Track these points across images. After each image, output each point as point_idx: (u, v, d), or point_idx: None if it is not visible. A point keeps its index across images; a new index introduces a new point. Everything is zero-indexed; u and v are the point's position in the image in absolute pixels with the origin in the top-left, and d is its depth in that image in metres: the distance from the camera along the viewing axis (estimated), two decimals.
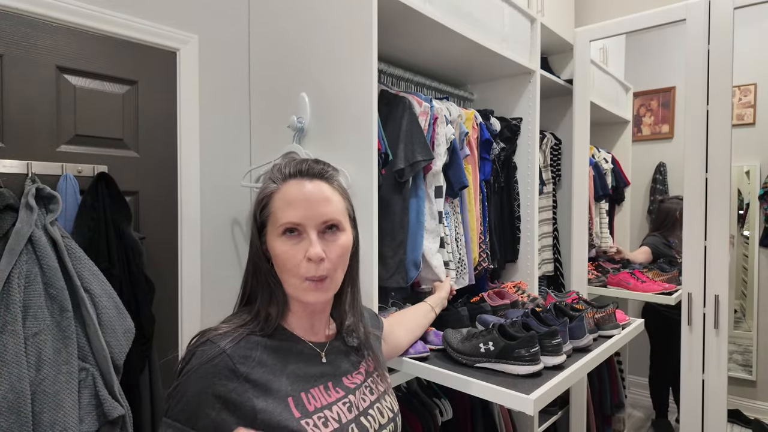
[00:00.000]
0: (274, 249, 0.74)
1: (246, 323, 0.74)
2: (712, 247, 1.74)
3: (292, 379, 0.73)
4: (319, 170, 0.78)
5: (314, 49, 1.37)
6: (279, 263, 0.74)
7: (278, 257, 0.74)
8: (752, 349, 2.02)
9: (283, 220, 0.73)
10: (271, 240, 0.75)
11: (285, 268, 0.74)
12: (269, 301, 0.77)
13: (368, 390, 0.82)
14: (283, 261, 0.74)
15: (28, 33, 1.15)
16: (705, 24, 1.75)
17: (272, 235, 0.75)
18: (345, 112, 1.29)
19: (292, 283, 0.75)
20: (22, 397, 0.94)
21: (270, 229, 0.75)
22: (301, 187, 0.75)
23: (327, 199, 0.75)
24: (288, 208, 0.73)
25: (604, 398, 2.29)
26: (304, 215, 0.73)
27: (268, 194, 0.76)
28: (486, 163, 1.72)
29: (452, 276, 1.49)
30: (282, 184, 0.76)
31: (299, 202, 0.74)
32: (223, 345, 0.69)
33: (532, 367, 1.08)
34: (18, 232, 1.01)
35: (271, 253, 0.75)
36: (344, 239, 0.77)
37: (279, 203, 0.74)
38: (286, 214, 0.73)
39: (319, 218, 0.74)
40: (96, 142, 1.27)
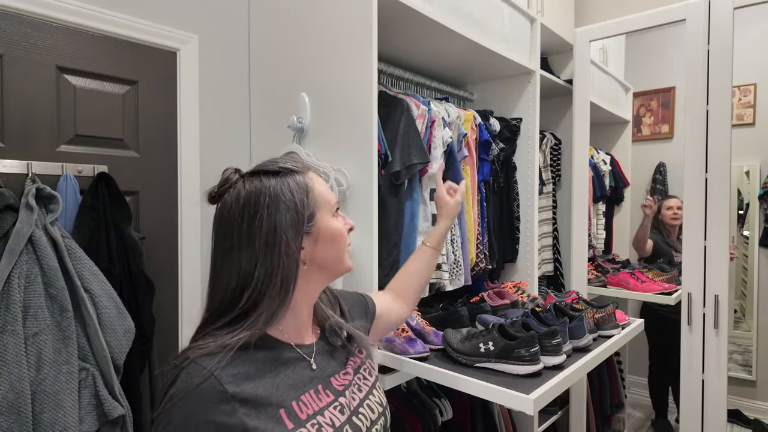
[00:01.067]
0: (335, 227, 0.77)
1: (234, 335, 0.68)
2: (711, 247, 1.74)
3: (283, 389, 0.70)
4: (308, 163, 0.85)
5: (314, 48, 1.37)
6: (339, 239, 0.78)
7: (339, 233, 0.78)
8: (752, 349, 2.02)
9: (333, 199, 0.79)
10: (328, 222, 0.77)
11: (343, 243, 0.79)
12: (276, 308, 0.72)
13: (357, 388, 0.81)
14: (342, 234, 0.79)
15: (28, 33, 1.15)
16: (705, 24, 1.75)
17: (327, 218, 0.77)
18: (345, 112, 1.29)
19: (343, 256, 0.79)
20: (22, 397, 0.94)
21: (323, 214, 0.76)
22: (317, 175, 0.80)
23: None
24: (327, 190, 0.79)
25: (603, 398, 2.29)
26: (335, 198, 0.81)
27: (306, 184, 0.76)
28: (485, 164, 1.73)
29: (445, 278, 1.49)
30: (307, 174, 0.77)
31: (326, 185, 0.80)
32: (210, 366, 0.64)
33: (531, 366, 1.09)
34: (18, 232, 1.01)
35: (325, 237, 0.76)
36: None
37: (319, 189, 0.77)
38: (330, 194, 0.79)
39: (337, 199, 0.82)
40: (96, 142, 1.27)
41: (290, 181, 0.74)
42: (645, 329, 1.58)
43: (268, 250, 0.71)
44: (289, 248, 0.71)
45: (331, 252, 0.77)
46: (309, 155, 1.35)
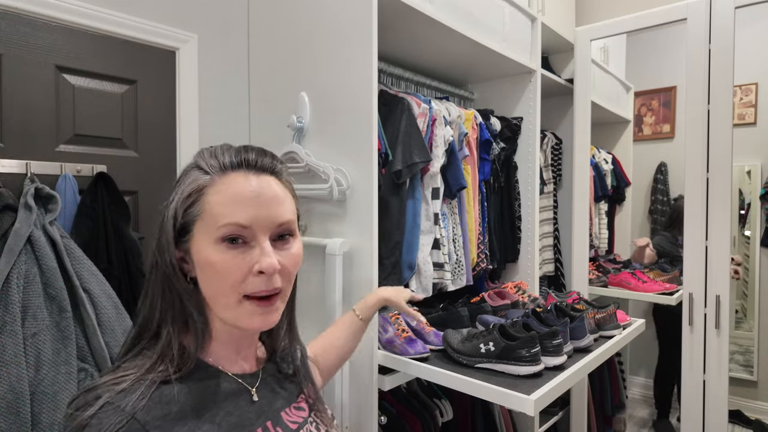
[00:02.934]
0: (207, 258, 0.57)
1: (154, 366, 0.56)
2: (713, 247, 1.74)
3: (225, 429, 0.58)
4: (268, 163, 0.62)
5: (314, 48, 1.37)
6: (212, 278, 0.58)
7: (212, 270, 0.57)
8: (753, 350, 2.01)
9: (225, 221, 0.56)
10: (201, 247, 0.57)
11: (221, 284, 0.57)
12: (183, 331, 0.60)
13: (314, 426, 0.68)
14: (220, 275, 0.57)
15: (27, 32, 1.15)
16: (706, 23, 1.75)
17: (203, 241, 0.57)
18: (345, 112, 1.29)
19: (227, 304, 0.58)
20: (21, 398, 0.94)
21: (199, 233, 0.58)
22: (248, 182, 0.59)
23: (279, 198, 0.60)
24: (233, 206, 0.57)
25: (604, 399, 2.28)
26: (255, 217, 0.58)
27: (198, 187, 0.58)
28: (485, 163, 1.72)
29: (447, 278, 1.48)
30: (219, 175, 0.59)
31: (248, 200, 0.58)
32: (129, 407, 0.51)
33: (532, 367, 1.08)
34: (17, 231, 1.00)
35: (198, 264, 0.58)
36: (297, 247, 0.63)
37: (218, 199, 0.57)
38: (231, 214, 0.57)
39: (272, 222, 0.59)
40: (95, 141, 1.27)
41: (189, 177, 0.60)
42: (656, 327, 1.58)
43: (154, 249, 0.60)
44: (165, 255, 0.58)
45: (208, 289, 0.59)
46: (309, 155, 1.35)
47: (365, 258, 1.25)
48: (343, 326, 1.01)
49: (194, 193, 0.58)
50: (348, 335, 1.00)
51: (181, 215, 0.58)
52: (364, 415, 1.26)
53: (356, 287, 1.27)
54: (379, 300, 1.06)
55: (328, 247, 1.26)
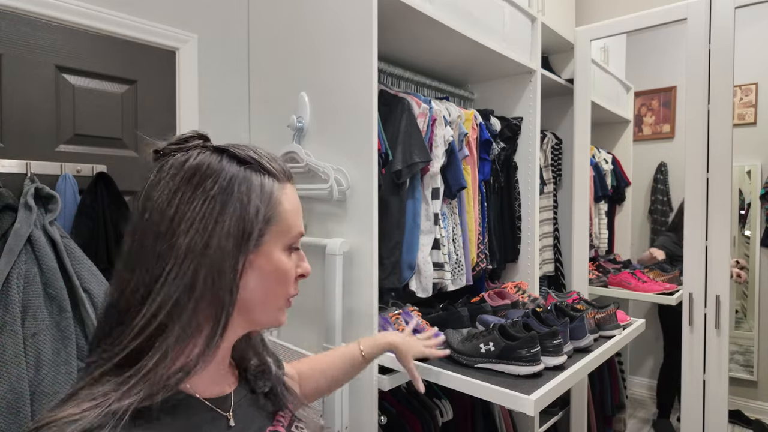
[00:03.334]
0: (280, 265, 0.58)
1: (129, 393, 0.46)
2: (713, 247, 1.74)
3: None
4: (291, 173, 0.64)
5: (314, 48, 1.37)
6: (276, 283, 0.58)
7: (280, 275, 0.58)
8: (753, 350, 2.01)
9: (297, 230, 0.60)
10: (276, 254, 0.57)
11: (282, 289, 0.59)
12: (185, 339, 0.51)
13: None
14: (285, 280, 0.59)
15: (28, 32, 1.15)
16: (706, 23, 1.75)
17: (276, 247, 0.57)
18: (345, 112, 1.29)
19: (279, 306, 0.60)
20: (21, 398, 0.94)
21: (273, 239, 0.57)
22: (296, 194, 0.62)
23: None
24: (296, 215, 0.60)
25: (604, 399, 2.28)
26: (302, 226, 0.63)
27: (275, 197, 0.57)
28: (485, 163, 1.72)
29: (447, 278, 1.48)
30: (284, 183, 0.59)
31: (301, 210, 0.62)
32: None
33: (532, 367, 1.08)
34: (17, 231, 1.00)
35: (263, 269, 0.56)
36: None
37: (287, 208, 0.59)
38: (297, 222, 0.60)
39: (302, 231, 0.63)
40: (95, 141, 1.27)
41: (256, 179, 0.56)
42: (661, 327, 1.57)
43: (191, 255, 0.50)
44: (223, 263, 0.52)
45: (264, 294, 0.57)
46: (309, 155, 1.35)
47: (365, 258, 1.25)
48: (342, 358, 0.93)
49: (274, 199, 0.57)
50: (345, 369, 0.92)
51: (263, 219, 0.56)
52: (364, 415, 1.26)
53: (356, 287, 1.27)
54: (388, 344, 0.99)
55: (328, 247, 1.26)
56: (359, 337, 1.25)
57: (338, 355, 0.94)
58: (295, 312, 1.47)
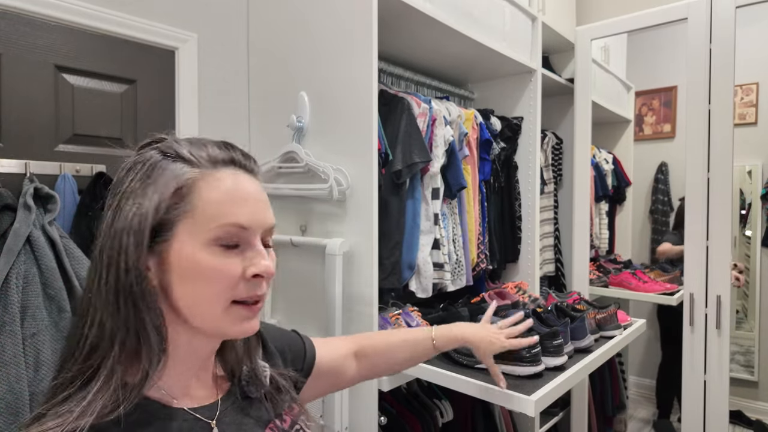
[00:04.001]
0: (196, 262, 0.50)
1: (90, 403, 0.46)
2: (713, 247, 1.73)
3: None
4: (253, 165, 0.58)
5: (314, 47, 1.37)
6: (198, 284, 0.50)
7: (200, 274, 0.50)
8: (754, 350, 2.01)
9: (223, 221, 0.51)
10: (187, 249, 0.50)
11: (208, 291, 0.50)
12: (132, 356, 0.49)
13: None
14: (209, 280, 0.50)
15: (27, 32, 1.15)
16: (707, 23, 1.74)
17: (190, 242, 0.50)
18: (345, 111, 1.29)
19: (213, 313, 0.51)
20: (20, 398, 0.94)
21: (186, 232, 0.50)
22: (240, 180, 0.54)
23: (267, 200, 0.57)
24: (231, 205, 0.52)
25: (605, 399, 2.28)
26: (254, 218, 0.53)
27: (188, 180, 0.51)
28: (485, 163, 1.72)
29: (447, 278, 1.48)
30: (210, 170, 0.53)
31: (246, 200, 0.53)
32: None
33: (533, 368, 1.08)
34: (16, 231, 1.00)
35: (177, 268, 0.50)
36: (274, 254, 0.58)
37: (214, 196, 0.51)
38: (231, 213, 0.51)
39: (264, 224, 0.55)
40: (94, 141, 1.27)
41: (168, 166, 0.52)
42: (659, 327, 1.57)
43: (103, 254, 0.50)
44: (126, 259, 0.49)
45: (191, 297, 0.51)
46: (308, 155, 1.35)
47: (365, 258, 1.24)
48: (411, 344, 0.87)
49: (184, 186, 0.51)
50: (410, 355, 0.86)
51: (165, 211, 0.50)
52: (364, 416, 1.26)
53: (356, 287, 1.27)
54: (463, 340, 0.91)
55: (328, 247, 1.26)
56: None
57: (406, 339, 0.87)
58: (295, 312, 1.47)
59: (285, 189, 1.42)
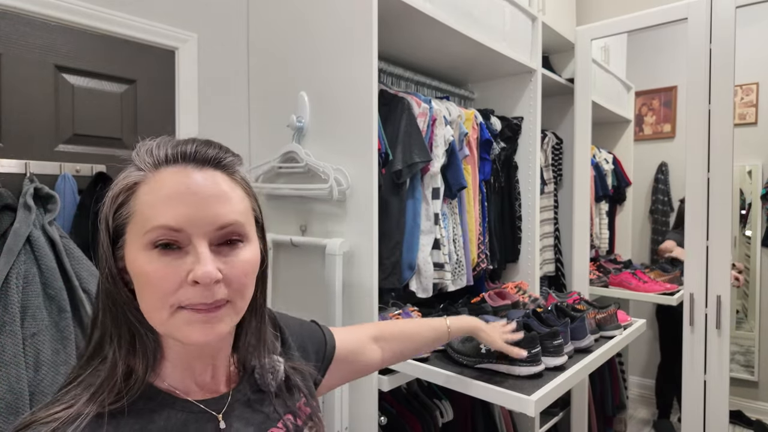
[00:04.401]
0: (138, 267, 0.49)
1: (95, 394, 0.48)
2: (713, 247, 1.73)
3: None
4: (213, 155, 0.53)
5: (314, 47, 1.37)
6: (144, 289, 0.49)
7: (143, 278, 0.49)
8: (754, 350, 2.01)
9: (154, 223, 0.48)
10: (132, 254, 0.49)
11: (152, 296, 0.49)
12: (130, 350, 0.52)
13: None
14: (151, 285, 0.48)
15: (27, 32, 1.15)
16: (707, 23, 1.74)
17: (134, 246, 0.49)
18: (345, 111, 1.29)
19: (160, 319, 0.49)
20: (20, 398, 0.94)
21: (131, 237, 0.50)
22: (183, 177, 0.50)
23: (224, 195, 0.52)
24: (163, 205, 0.49)
25: (605, 399, 2.28)
26: (189, 217, 0.49)
27: (128, 186, 0.50)
28: (486, 163, 1.72)
29: (447, 278, 1.48)
30: (153, 171, 0.51)
31: (181, 197, 0.49)
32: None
33: (533, 368, 1.08)
34: (16, 231, 1.00)
35: (132, 273, 0.50)
36: (249, 253, 0.53)
37: (148, 198, 0.49)
38: (160, 214, 0.48)
39: (211, 223, 0.50)
40: (94, 141, 1.27)
41: (123, 172, 0.52)
42: (658, 327, 1.57)
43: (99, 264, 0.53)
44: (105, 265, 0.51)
45: (141, 301, 0.51)
46: (308, 154, 1.35)
47: (365, 258, 1.24)
48: (431, 328, 0.93)
49: (124, 192, 0.50)
50: (431, 338, 0.92)
51: (112, 218, 0.51)
52: (364, 416, 1.26)
53: (356, 287, 1.27)
54: (473, 327, 0.99)
55: (328, 247, 1.26)
56: None
57: (427, 325, 0.93)
58: (295, 312, 1.46)
59: (285, 189, 1.42)
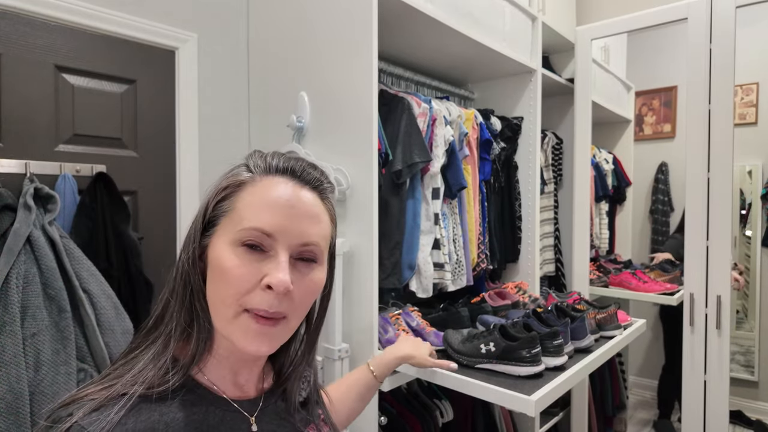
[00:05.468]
0: (220, 259, 0.51)
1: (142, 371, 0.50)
2: (713, 247, 1.73)
3: None
4: (315, 178, 0.57)
5: (314, 47, 1.37)
6: (219, 281, 0.52)
7: (221, 272, 0.51)
8: (754, 350, 2.01)
9: (249, 224, 0.51)
10: (219, 245, 0.52)
11: (226, 291, 0.51)
12: (183, 336, 0.54)
13: None
14: (227, 280, 0.51)
15: (27, 32, 1.15)
16: (707, 23, 1.74)
17: (223, 239, 0.52)
18: (345, 111, 1.28)
19: (225, 315, 0.51)
20: (20, 398, 0.94)
21: (222, 230, 0.53)
22: (287, 189, 0.54)
23: (316, 216, 0.55)
24: (262, 209, 0.52)
25: (605, 399, 2.28)
26: (282, 226, 0.52)
27: (236, 183, 0.55)
28: (486, 163, 1.72)
29: (447, 278, 1.48)
30: (262, 176, 0.55)
31: (281, 207, 0.52)
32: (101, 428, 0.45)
33: (533, 368, 1.08)
34: (16, 232, 1.00)
35: (210, 263, 0.53)
36: (319, 276, 0.56)
37: (250, 199, 0.53)
38: (258, 216, 0.52)
39: (299, 237, 0.53)
40: (94, 141, 1.27)
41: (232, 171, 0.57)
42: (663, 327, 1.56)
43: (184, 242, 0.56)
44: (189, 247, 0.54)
45: (211, 292, 0.53)
46: (309, 154, 1.35)
47: (365, 258, 1.24)
48: (356, 381, 0.89)
49: (231, 186, 0.55)
50: (360, 392, 0.89)
51: (212, 207, 0.54)
52: (364, 416, 1.25)
53: (356, 287, 1.27)
54: (399, 358, 0.98)
55: None
56: (359, 338, 1.26)
57: (351, 381, 0.90)
58: None
59: None
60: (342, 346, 1.24)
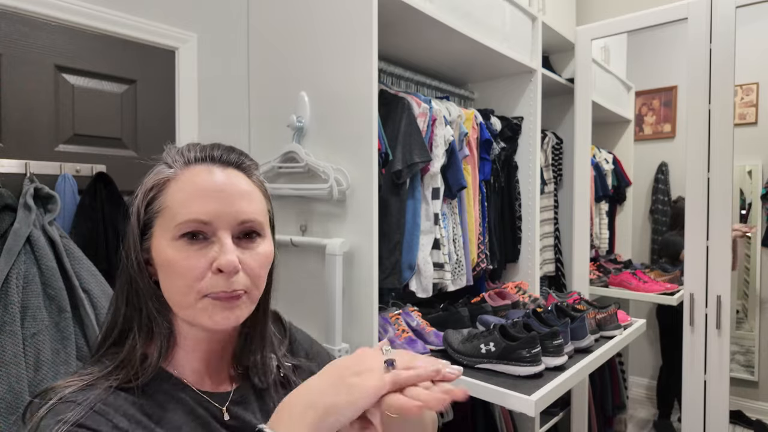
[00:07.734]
0: (165, 256, 0.54)
1: (111, 372, 0.53)
2: (713, 247, 1.73)
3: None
4: (235, 159, 0.60)
5: (314, 47, 1.37)
6: (171, 277, 0.54)
7: (170, 267, 0.54)
8: (754, 350, 2.01)
9: (184, 217, 0.53)
10: (161, 245, 0.55)
11: (179, 283, 0.54)
12: (148, 336, 0.57)
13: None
14: (178, 274, 0.53)
15: (27, 32, 1.15)
16: (707, 23, 1.74)
17: (163, 238, 0.55)
18: (345, 111, 1.29)
19: (186, 303, 0.54)
20: (20, 398, 0.94)
21: (159, 230, 0.55)
22: (211, 176, 0.56)
23: (246, 193, 0.58)
24: (193, 201, 0.54)
25: (605, 399, 2.28)
26: (216, 212, 0.54)
27: (161, 182, 0.56)
28: (485, 163, 1.72)
29: (447, 278, 1.48)
30: (182, 169, 0.57)
31: (210, 194, 0.55)
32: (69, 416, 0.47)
33: (533, 368, 1.08)
34: (16, 232, 1.00)
35: (158, 263, 0.55)
36: (266, 248, 0.59)
37: (179, 195, 0.55)
38: (190, 208, 0.54)
39: (235, 217, 0.56)
40: (94, 141, 1.27)
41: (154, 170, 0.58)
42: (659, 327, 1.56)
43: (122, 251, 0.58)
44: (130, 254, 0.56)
45: (168, 289, 0.55)
46: (309, 154, 1.35)
47: (365, 258, 1.24)
48: None
49: (156, 186, 0.56)
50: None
51: (143, 211, 0.56)
52: None
53: (356, 287, 1.27)
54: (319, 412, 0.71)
55: (328, 247, 1.26)
56: (360, 337, 1.26)
57: None
58: (295, 312, 1.46)
59: (285, 189, 1.42)
60: (342, 346, 1.25)
